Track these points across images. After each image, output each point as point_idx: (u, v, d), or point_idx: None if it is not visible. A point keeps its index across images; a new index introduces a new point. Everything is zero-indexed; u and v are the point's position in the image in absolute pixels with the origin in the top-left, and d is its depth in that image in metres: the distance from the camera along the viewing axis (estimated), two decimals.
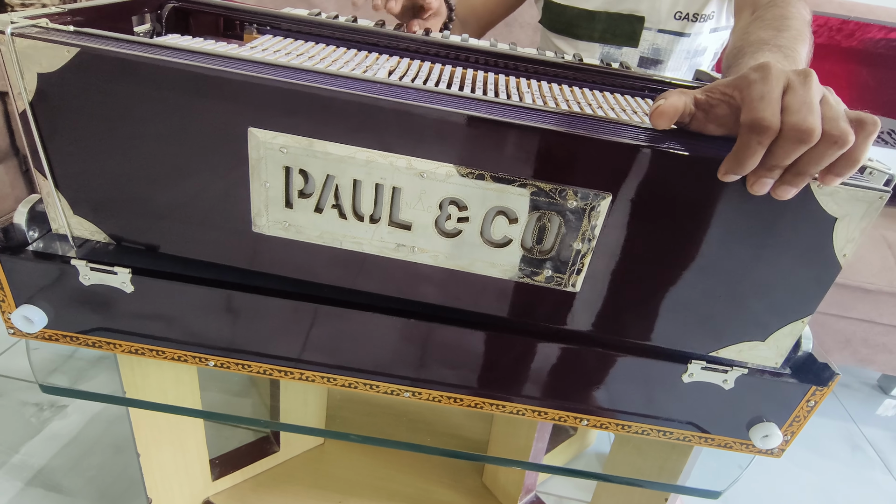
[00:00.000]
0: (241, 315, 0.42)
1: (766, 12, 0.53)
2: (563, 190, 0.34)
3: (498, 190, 0.35)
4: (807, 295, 0.37)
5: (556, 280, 0.38)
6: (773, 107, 0.30)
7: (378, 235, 0.37)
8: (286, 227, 0.38)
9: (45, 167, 0.38)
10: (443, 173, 0.35)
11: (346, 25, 0.56)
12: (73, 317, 0.43)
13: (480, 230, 0.36)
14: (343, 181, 0.36)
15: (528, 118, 0.34)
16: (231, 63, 0.35)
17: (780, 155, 0.30)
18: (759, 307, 0.37)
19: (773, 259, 0.35)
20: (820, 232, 0.34)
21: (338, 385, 0.45)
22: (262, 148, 0.35)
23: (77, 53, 0.34)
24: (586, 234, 0.36)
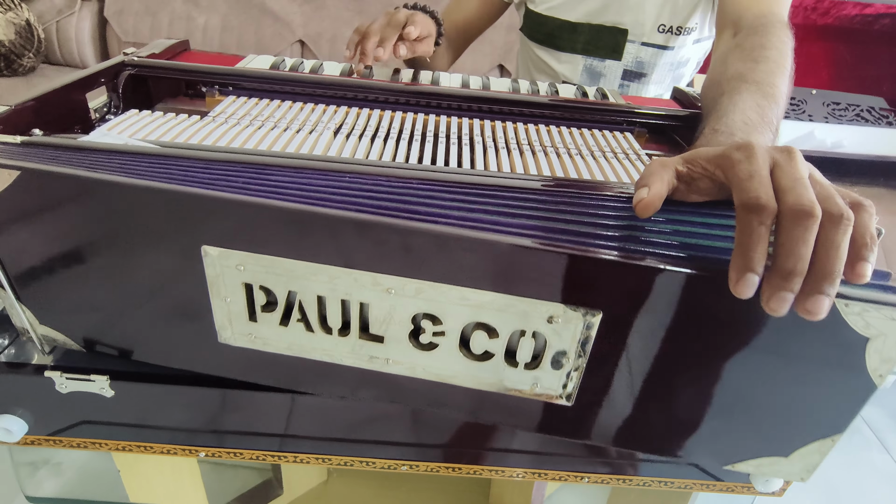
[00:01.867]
0: (226, 409, 0.41)
1: (745, 40, 0.51)
2: (548, 306, 0.31)
3: (474, 305, 0.32)
4: (836, 414, 0.33)
5: (545, 395, 0.35)
6: (765, 184, 0.28)
7: (349, 348, 0.35)
8: (252, 339, 0.36)
9: (3, 282, 0.36)
10: (412, 289, 0.32)
11: (309, 79, 0.54)
12: (54, 421, 0.42)
13: (458, 344, 0.34)
14: (307, 297, 0.33)
15: (502, 224, 0.31)
16: (181, 174, 0.32)
17: (787, 247, 0.27)
18: (780, 425, 0.34)
19: (796, 378, 0.32)
20: (850, 353, 0.30)
21: (333, 465, 0.44)
22: (218, 265, 0.33)
23: (19, 176, 0.32)
24: (576, 350, 0.33)
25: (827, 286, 0.26)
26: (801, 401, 0.33)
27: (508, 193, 0.34)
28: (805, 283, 0.27)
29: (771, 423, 0.34)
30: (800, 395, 0.33)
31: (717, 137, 0.38)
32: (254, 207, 0.31)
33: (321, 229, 0.31)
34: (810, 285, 0.27)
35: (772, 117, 0.42)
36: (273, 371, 0.37)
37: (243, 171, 0.34)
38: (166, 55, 0.58)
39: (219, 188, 0.32)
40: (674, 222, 0.33)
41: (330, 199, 0.32)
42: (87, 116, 0.48)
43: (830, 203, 0.27)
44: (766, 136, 0.40)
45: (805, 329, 0.29)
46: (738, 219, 0.28)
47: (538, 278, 0.31)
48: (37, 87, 1.32)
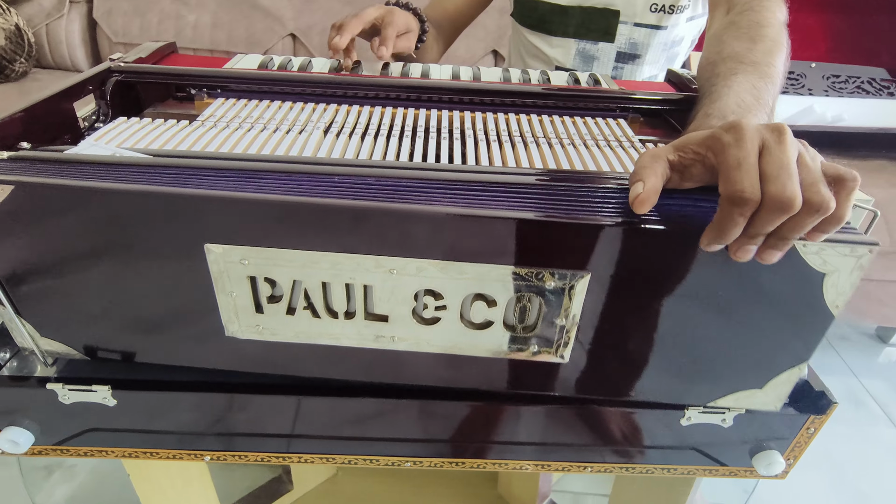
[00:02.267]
0: (229, 412, 0.42)
1: (740, 17, 0.51)
2: (540, 273, 0.33)
3: (473, 278, 0.34)
4: (801, 344, 0.36)
5: (543, 353, 0.37)
6: (752, 175, 0.28)
7: (355, 329, 0.36)
8: (260, 331, 0.37)
9: (3, 299, 0.36)
10: (413, 268, 0.33)
11: (297, 78, 0.53)
12: (59, 431, 0.43)
13: (460, 315, 0.35)
14: (311, 284, 0.34)
15: (496, 202, 0.32)
16: (175, 177, 0.33)
17: (760, 224, 0.29)
18: (752, 359, 0.37)
19: (763, 315, 0.35)
20: (809, 288, 0.33)
21: (338, 463, 0.45)
22: (222, 262, 0.34)
23: (12, 190, 0.32)
24: (568, 311, 0.35)
25: (783, 245, 0.30)
26: (770, 336, 0.36)
27: (502, 190, 0.34)
28: (766, 239, 0.30)
29: (744, 359, 0.37)
30: (768, 330, 0.35)
31: (709, 122, 0.38)
32: (254, 202, 0.31)
33: (322, 218, 0.32)
34: (770, 242, 0.30)
35: (767, 98, 0.42)
36: (281, 360, 0.38)
37: (232, 176, 0.34)
38: (153, 58, 0.57)
39: (215, 189, 0.32)
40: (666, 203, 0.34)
41: (328, 191, 0.32)
42: (76, 125, 0.48)
43: (812, 191, 0.28)
44: (760, 118, 0.39)
45: (768, 269, 0.32)
46: (721, 205, 0.29)
47: (531, 247, 0.32)
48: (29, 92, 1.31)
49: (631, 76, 0.82)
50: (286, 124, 0.47)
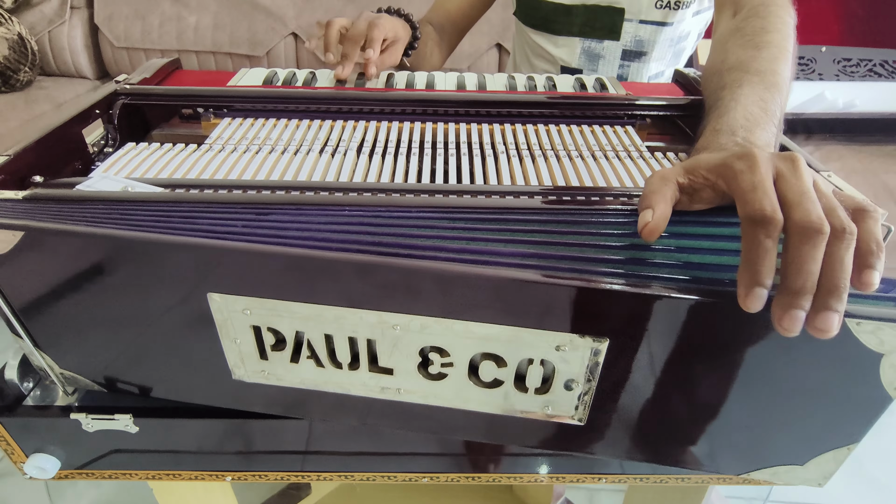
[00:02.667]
0: (247, 435, 0.42)
1: (746, 23, 0.50)
2: (554, 336, 0.31)
3: (480, 338, 0.32)
4: (852, 425, 0.33)
5: (558, 417, 0.35)
6: (770, 195, 0.27)
7: (360, 380, 0.35)
8: (265, 376, 0.36)
9: (21, 333, 0.37)
10: (417, 325, 0.32)
11: (301, 95, 0.53)
12: (84, 457, 0.44)
13: (468, 372, 0.34)
14: (314, 336, 0.34)
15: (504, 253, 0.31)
16: (181, 222, 0.32)
17: (796, 264, 0.26)
18: (795, 437, 0.34)
19: (811, 392, 0.32)
20: (864, 368, 0.30)
21: (356, 480, 0.45)
22: (225, 310, 0.33)
23: (23, 236, 0.32)
24: (584, 375, 0.33)
25: (834, 302, 0.26)
26: (817, 413, 0.33)
27: (509, 216, 0.34)
28: (814, 301, 0.26)
29: (787, 434, 0.34)
30: (815, 408, 0.32)
31: (718, 138, 0.37)
32: (254, 255, 0.31)
33: (323, 272, 0.31)
34: (819, 301, 0.26)
35: (775, 109, 0.41)
36: (288, 403, 0.38)
37: (243, 211, 0.34)
38: (158, 77, 0.58)
39: (220, 235, 0.32)
40: (678, 236, 0.33)
41: (330, 239, 0.32)
42: (86, 151, 0.48)
43: (834, 217, 0.27)
44: (769, 131, 0.39)
45: (819, 346, 0.29)
46: (744, 232, 0.28)
47: (543, 310, 0.31)
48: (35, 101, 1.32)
49: (637, 74, 0.81)
50: (293, 145, 0.47)
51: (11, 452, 0.43)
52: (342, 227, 0.33)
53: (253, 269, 0.32)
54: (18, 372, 0.42)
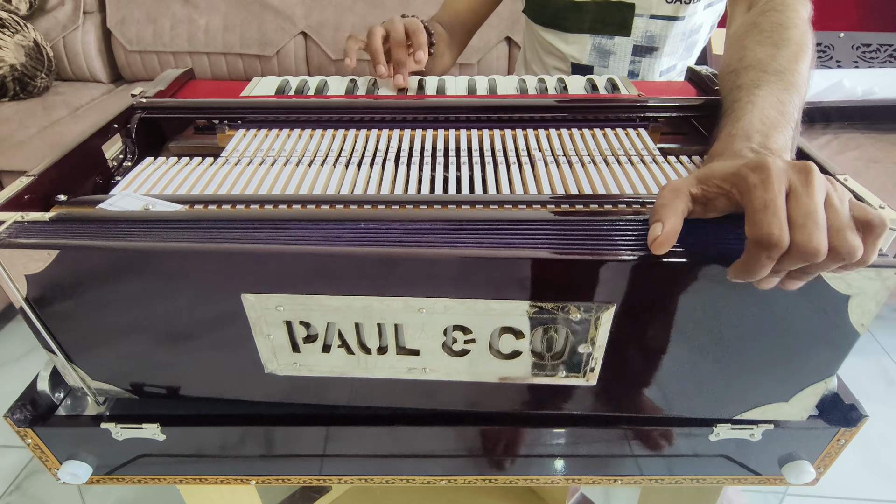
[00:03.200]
0: (270, 442, 0.44)
1: (763, 18, 0.49)
2: (566, 306, 0.34)
3: (500, 314, 0.34)
4: (827, 360, 0.36)
5: (570, 377, 0.38)
6: (780, 218, 0.28)
7: (388, 363, 0.38)
8: (297, 368, 0.38)
9: (53, 347, 0.39)
10: (441, 307, 0.34)
11: (314, 104, 0.54)
12: (115, 462, 0.45)
13: (489, 346, 0.36)
14: (345, 325, 0.36)
15: (519, 242, 0.33)
16: (208, 230, 0.34)
17: (785, 266, 0.29)
18: (778, 376, 0.37)
19: (788, 334, 0.35)
20: (834, 309, 0.33)
21: (375, 483, 0.47)
22: (259, 308, 0.35)
23: (57, 255, 0.33)
24: (594, 339, 0.35)
25: (806, 278, 0.30)
26: (796, 353, 0.36)
27: (521, 227, 0.35)
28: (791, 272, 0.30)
29: (771, 375, 0.38)
30: (794, 349, 0.36)
31: (733, 144, 0.37)
32: (285, 255, 0.33)
33: (350, 267, 0.33)
34: (794, 274, 0.30)
35: (793, 111, 0.41)
36: (318, 392, 0.40)
37: (262, 227, 0.35)
38: (173, 88, 0.59)
39: (247, 242, 0.33)
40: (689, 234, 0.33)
41: (352, 242, 0.33)
42: (106, 166, 0.50)
43: (840, 238, 0.28)
44: (785, 134, 0.38)
45: (793, 293, 0.32)
46: (748, 247, 0.29)
47: (556, 284, 0.33)
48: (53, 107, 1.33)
49: (649, 68, 0.80)
50: (307, 156, 0.48)
51: (45, 459, 0.44)
52: (360, 237, 0.34)
53: (284, 268, 0.33)
54: (50, 383, 0.43)
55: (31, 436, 0.42)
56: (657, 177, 0.45)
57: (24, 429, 0.42)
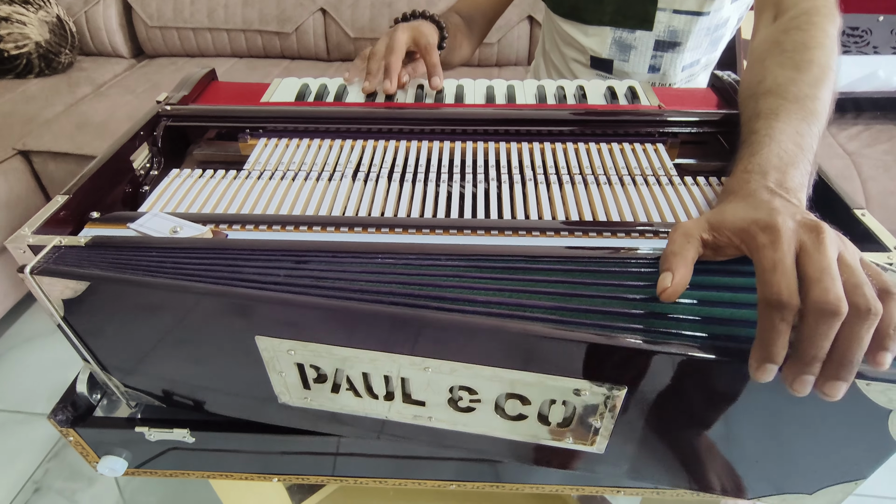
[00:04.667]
0: (293, 446, 0.46)
1: (786, 37, 0.47)
2: (577, 386, 0.34)
3: (506, 381, 0.34)
4: (860, 464, 0.35)
5: (578, 446, 0.37)
6: (789, 278, 0.28)
7: (395, 409, 0.39)
8: (308, 402, 0.40)
9: (89, 359, 0.41)
10: (447, 368, 0.35)
11: (333, 114, 0.54)
12: (147, 456, 0.49)
13: (494, 407, 0.37)
14: (353, 373, 0.37)
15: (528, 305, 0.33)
16: (229, 271, 0.35)
17: (810, 340, 0.27)
18: (806, 472, 0.36)
19: (822, 435, 0.34)
20: (874, 419, 0.31)
21: (388, 486, 0.49)
22: (272, 350, 0.36)
23: (90, 285, 0.35)
24: (604, 415, 0.35)
25: (845, 374, 0.28)
26: (828, 453, 0.35)
27: (534, 265, 0.35)
28: (824, 368, 0.28)
29: (798, 469, 0.36)
30: (826, 448, 0.34)
31: (749, 183, 0.36)
32: (297, 306, 0.34)
33: (359, 322, 0.34)
34: (830, 371, 0.28)
35: (811, 142, 0.40)
36: (329, 423, 0.42)
37: (283, 258, 0.36)
38: (196, 92, 0.59)
39: (263, 285, 0.34)
40: (699, 287, 0.34)
41: (365, 290, 0.34)
42: (134, 175, 0.51)
43: (858, 294, 0.27)
44: (802, 169, 0.38)
45: (827, 403, 0.30)
46: (760, 312, 0.29)
47: (564, 361, 0.33)
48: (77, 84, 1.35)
49: (671, 64, 0.78)
50: (327, 170, 0.49)
51: (86, 454, 0.48)
52: (376, 278, 0.35)
53: (295, 317, 0.34)
54: (88, 386, 0.46)
55: (73, 434, 0.46)
56: (672, 201, 0.45)
57: (66, 428, 0.45)
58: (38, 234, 0.39)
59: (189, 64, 1.62)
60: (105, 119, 1.31)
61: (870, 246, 0.38)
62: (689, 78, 0.83)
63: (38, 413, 1.18)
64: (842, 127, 1.17)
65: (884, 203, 1.02)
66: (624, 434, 0.36)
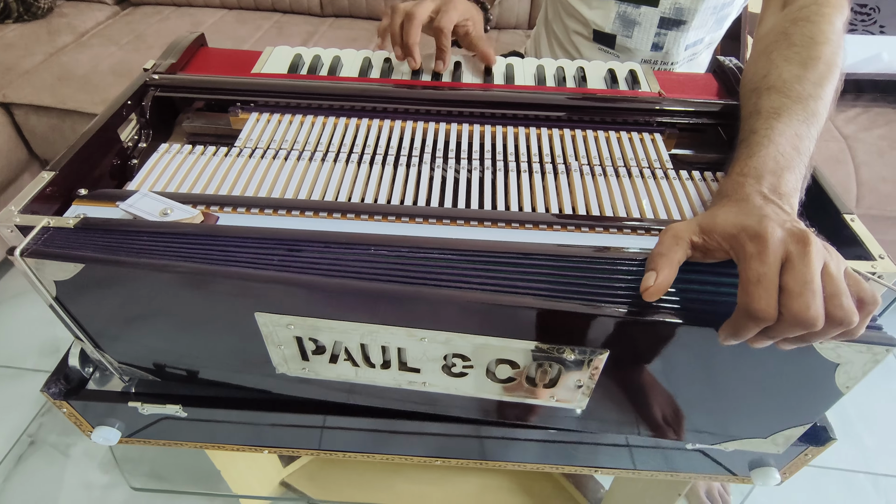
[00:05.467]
0: (283, 421, 0.48)
1: (794, 29, 0.46)
2: (561, 348, 0.35)
3: (498, 348, 0.36)
4: (808, 409, 0.38)
5: (562, 404, 0.40)
6: (770, 293, 0.29)
7: (390, 376, 0.40)
8: (306, 372, 0.41)
9: (82, 337, 0.42)
10: (442, 338, 0.36)
11: (326, 90, 0.53)
12: (141, 425, 0.50)
13: (486, 371, 0.39)
14: (351, 344, 0.38)
15: (519, 285, 0.34)
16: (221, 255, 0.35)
17: (779, 333, 0.30)
18: (759, 417, 0.39)
19: (773, 383, 0.36)
20: (821, 371, 0.34)
21: (376, 460, 0.51)
22: (270, 325, 0.37)
23: (83, 268, 0.35)
24: (586, 375, 0.37)
25: (801, 345, 0.31)
26: (779, 401, 0.38)
27: (524, 261, 0.36)
28: None
29: (753, 416, 0.40)
30: (778, 397, 0.38)
31: (744, 187, 0.36)
32: (295, 284, 0.34)
33: (357, 299, 0.35)
34: (791, 340, 0.31)
35: (809, 144, 0.40)
36: (325, 390, 0.44)
37: (276, 246, 0.36)
38: (184, 59, 0.57)
39: (260, 266, 0.35)
40: (685, 282, 0.35)
41: (361, 271, 0.35)
42: (122, 147, 0.50)
43: (835, 305, 0.29)
44: (797, 172, 0.38)
45: (782, 354, 0.34)
46: (738, 312, 0.30)
47: (552, 330, 0.35)
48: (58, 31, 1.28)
49: (674, 42, 0.77)
50: (319, 150, 0.48)
51: (80, 424, 0.49)
52: (370, 266, 0.35)
53: (294, 296, 0.35)
54: (80, 359, 0.47)
55: (66, 406, 0.47)
56: (666, 195, 0.45)
57: (59, 401, 0.46)
58: (25, 213, 0.38)
59: (175, 14, 1.55)
60: (87, 72, 1.26)
61: (856, 250, 0.39)
62: (692, 57, 0.81)
63: (29, 368, 1.19)
64: (840, 109, 1.16)
65: (875, 188, 1.03)
66: (603, 394, 0.39)
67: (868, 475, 1.04)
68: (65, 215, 0.41)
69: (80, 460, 1.04)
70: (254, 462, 0.80)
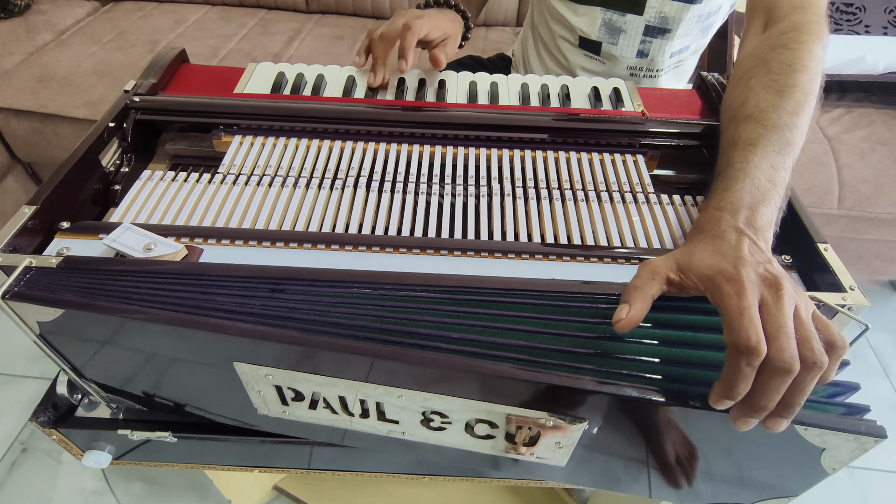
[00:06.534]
0: (271, 445, 0.48)
1: (773, 56, 0.47)
2: (540, 414, 0.35)
3: (475, 410, 0.36)
4: (794, 485, 0.38)
5: (542, 459, 0.40)
6: (756, 325, 0.29)
7: (370, 424, 0.40)
8: (287, 415, 0.41)
9: (67, 370, 0.42)
10: (420, 398, 0.36)
11: (310, 112, 0.53)
12: (131, 449, 0.50)
13: (464, 427, 0.39)
14: (329, 396, 0.38)
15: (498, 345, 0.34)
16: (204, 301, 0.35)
17: (762, 392, 0.30)
18: (745, 486, 0.39)
19: (761, 460, 0.37)
20: (808, 454, 0.34)
21: (364, 478, 0.52)
22: (250, 374, 0.37)
23: (63, 313, 0.35)
24: (565, 439, 0.37)
25: (788, 414, 0.31)
26: (767, 474, 0.38)
27: (506, 299, 0.36)
28: None
29: (738, 485, 0.40)
30: (767, 470, 0.38)
31: (720, 223, 0.37)
32: (273, 337, 0.34)
33: (334, 356, 0.35)
34: (774, 411, 0.31)
35: (784, 175, 0.41)
36: (306, 431, 0.44)
37: (260, 285, 0.37)
38: (166, 78, 0.57)
39: (239, 316, 0.35)
40: (662, 325, 0.35)
41: (341, 324, 0.35)
42: (104, 173, 0.50)
43: (807, 348, 0.30)
44: (772, 205, 0.39)
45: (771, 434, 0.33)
46: (729, 356, 0.30)
47: (529, 397, 0.34)
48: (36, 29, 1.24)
49: (659, 50, 0.77)
50: (303, 176, 0.48)
51: (70, 449, 0.49)
52: (352, 310, 0.35)
53: (272, 349, 0.35)
54: (68, 387, 0.47)
55: (55, 433, 0.47)
56: (646, 221, 0.46)
57: (48, 429, 0.46)
58: (6, 251, 0.38)
59: (157, 10, 1.52)
60: (69, 72, 1.24)
61: (828, 278, 0.40)
62: (678, 64, 0.81)
63: (18, 375, 1.19)
64: (824, 109, 1.17)
65: (856, 189, 1.04)
66: (585, 455, 0.39)
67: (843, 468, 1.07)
68: (47, 251, 0.41)
69: (73, 466, 1.04)
70: None
